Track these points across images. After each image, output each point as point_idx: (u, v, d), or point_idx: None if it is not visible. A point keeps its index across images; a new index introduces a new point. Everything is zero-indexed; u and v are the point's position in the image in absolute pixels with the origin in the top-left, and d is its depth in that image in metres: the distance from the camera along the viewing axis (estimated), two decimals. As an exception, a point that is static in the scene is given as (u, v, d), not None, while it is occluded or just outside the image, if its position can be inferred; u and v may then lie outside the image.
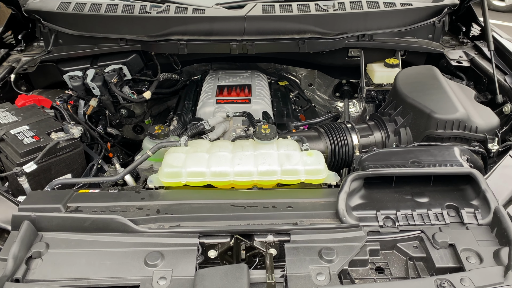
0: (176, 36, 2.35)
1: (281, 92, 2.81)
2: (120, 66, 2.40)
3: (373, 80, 2.47)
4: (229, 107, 2.32)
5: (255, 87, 2.56)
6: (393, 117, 1.99)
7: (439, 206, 1.45)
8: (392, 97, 2.07)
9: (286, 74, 3.12)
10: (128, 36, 2.39)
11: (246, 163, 1.60)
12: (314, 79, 3.09)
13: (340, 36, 2.36)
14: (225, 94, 2.44)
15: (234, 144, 1.74)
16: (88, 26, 2.44)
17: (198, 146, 1.71)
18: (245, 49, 2.33)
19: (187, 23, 2.37)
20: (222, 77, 2.74)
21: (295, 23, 2.35)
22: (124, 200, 1.52)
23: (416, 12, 2.48)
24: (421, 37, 2.53)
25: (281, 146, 1.68)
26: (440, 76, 2.10)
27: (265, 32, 2.35)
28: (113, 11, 2.41)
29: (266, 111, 2.28)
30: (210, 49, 2.36)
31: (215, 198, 1.51)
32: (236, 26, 2.35)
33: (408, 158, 1.59)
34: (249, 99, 2.37)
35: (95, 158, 1.98)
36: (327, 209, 1.45)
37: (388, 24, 2.46)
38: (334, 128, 1.99)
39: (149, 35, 2.40)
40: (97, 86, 2.33)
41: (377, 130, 2.01)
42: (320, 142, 1.95)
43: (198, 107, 2.39)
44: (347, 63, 2.62)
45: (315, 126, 2.06)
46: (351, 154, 1.95)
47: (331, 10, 2.39)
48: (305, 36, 2.32)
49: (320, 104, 3.20)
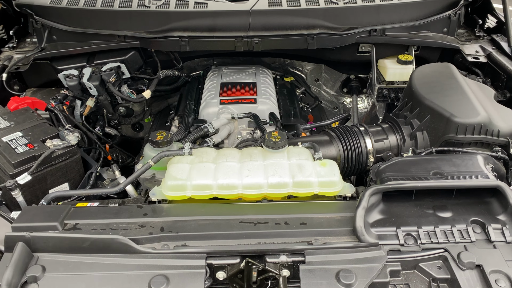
0: (177, 32, 2.23)
1: (287, 89, 2.70)
2: (118, 64, 2.29)
3: (385, 78, 2.36)
4: (234, 108, 2.22)
5: (260, 85, 2.45)
6: (409, 120, 1.89)
7: (464, 222, 1.36)
8: (407, 98, 1.97)
9: (291, 69, 3.01)
10: (126, 33, 2.28)
11: (255, 174, 1.51)
12: (321, 74, 2.98)
13: (351, 32, 2.25)
14: (229, 93, 2.34)
15: (242, 152, 1.64)
16: (84, 22, 2.33)
17: (204, 155, 1.61)
18: (250, 46, 2.22)
19: (188, 18, 2.25)
20: (225, 73, 2.63)
21: (303, 18, 2.24)
22: (125, 216, 1.43)
23: (430, 5, 2.36)
24: (435, 31, 2.41)
25: (292, 155, 1.59)
26: (458, 75, 2.00)
27: (272, 28, 2.23)
28: (109, 5, 2.29)
29: (273, 112, 2.17)
30: (213, 46, 2.25)
31: (222, 214, 1.42)
32: (240, 21, 2.23)
33: (429, 169, 1.50)
34: (255, 98, 2.26)
35: (93, 165, 1.89)
36: (344, 225, 1.36)
37: (401, 17, 2.34)
38: (347, 132, 1.89)
39: (149, 31, 2.28)
40: (94, 86, 2.22)
41: (391, 133, 1.92)
42: (332, 148, 1.85)
43: (201, 108, 2.29)
44: (357, 59, 2.51)
45: (326, 130, 1.96)
46: (365, 159, 1.86)
47: (341, 3, 2.27)
48: (314, 31, 2.21)
49: (327, 100, 3.10)
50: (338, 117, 2.27)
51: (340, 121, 2.28)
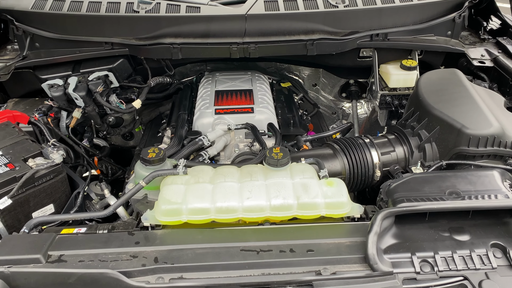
0: (168, 38, 2.11)
1: (285, 95, 2.60)
2: (106, 73, 2.17)
3: (388, 84, 2.27)
4: (230, 118, 2.11)
5: (257, 92, 2.34)
6: (416, 131, 1.79)
7: (483, 246, 1.27)
8: (414, 107, 1.88)
9: (288, 73, 2.91)
10: (114, 39, 2.16)
11: (256, 196, 1.40)
12: (319, 78, 2.88)
13: (352, 36, 2.15)
14: (225, 101, 2.23)
15: (241, 170, 1.53)
16: (68, 28, 2.20)
17: (200, 174, 1.50)
18: (246, 53, 2.11)
19: (180, 24, 2.13)
20: (219, 80, 2.52)
21: (302, 22, 2.13)
22: (115, 245, 1.31)
23: (434, 7, 2.27)
24: (439, 34, 2.33)
25: (295, 173, 1.48)
26: (466, 82, 1.91)
27: (269, 33, 2.13)
28: (96, 10, 2.17)
29: (271, 123, 2.07)
30: (207, 53, 2.13)
31: (222, 241, 1.31)
32: (236, 27, 2.12)
33: (444, 188, 1.40)
34: (252, 108, 2.16)
35: (80, 184, 1.77)
36: (354, 252, 1.26)
37: (404, 20, 2.25)
38: (351, 145, 1.79)
39: (138, 38, 2.16)
40: (81, 97, 2.09)
41: (398, 145, 1.82)
42: (336, 161, 1.75)
43: (195, 118, 2.17)
44: (357, 64, 2.41)
45: (329, 142, 1.86)
46: (371, 174, 1.76)
47: (342, 6, 2.17)
48: (314, 36, 2.11)
49: (325, 105, 3.00)
50: (340, 127, 2.17)
51: (342, 131, 2.18)
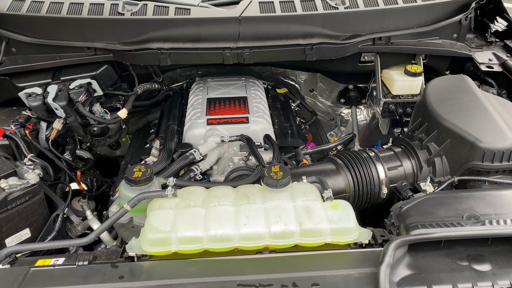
0: (156, 43, 1.98)
1: (281, 102, 2.47)
2: (89, 81, 2.02)
3: (392, 91, 2.15)
4: (223, 129, 1.98)
5: (252, 100, 2.21)
6: (425, 144, 1.68)
7: (506, 277, 1.16)
8: (422, 118, 1.76)
9: (284, 78, 2.78)
10: (97, 44, 2.01)
11: (254, 222, 1.27)
12: (316, 83, 2.76)
13: (353, 40, 2.02)
14: (217, 111, 2.09)
15: (237, 192, 1.40)
16: (48, 32, 2.05)
17: (191, 196, 1.37)
18: (240, 58, 1.98)
19: (168, 27, 1.99)
20: (211, 86, 2.38)
21: (300, 25, 2.01)
22: (97, 280, 1.18)
23: (439, 8, 2.15)
24: (444, 37, 2.21)
25: (297, 195, 1.36)
26: (476, 90, 1.80)
27: (264, 37, 2.00)
28: (77, 13, 2.02)
29: (268, 135, 1.94)
30: (198, 59, 2.00)
31: (216, 274, 1.18)
32: (229, 30, 1.99)
33: (461, 211, 1.29)
34: (247, 117, 2.03)
35: (60, 204, 1.62)
36: (365, 286, 1.14)
37: (407, 23, 2.13)
38: (355, 159, 1.67)
39: (123, 42, 2.02)
40: (61, 107, 1.95)
41: (406, 159, 1.71)
42: (340, 178, 1.63)
43: (185, 128, 2.04)
44: (358, 69, 2.29)
45: (331, 157, 1.73)
46: (377, 191, 1.64)
47: (342, 8, 2.04)
48: (313, 41, 1.98)
49: (322, 111, 2.88)
50: (342, 140, 2.05)
51: (344, 143, 2.06)
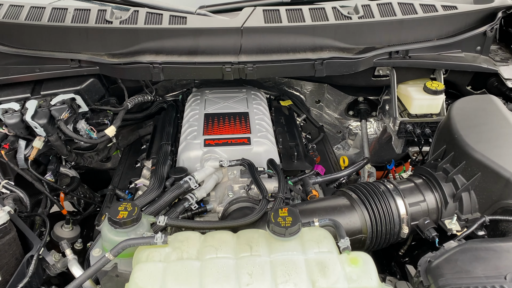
0: (147, 56, 1.78)
1: (285, 117, 2.28)
2: (72, 96, 1.83)
3: (409, 109, 1.97)
4: (222, 151, 1.79)
5: (253, 115, 2.02)
6: (451, 176, 1.50)
7: None
8: (447, 145, 1.58)
9: (288, 88, 2.59)
10: (82, 56, 1.82)
11: (258, 281, 1.09)
12: (323, 95, 2.57)
13: (367, 55, 1.83)
14: (216, 129, 1.91)
15: (238, 239, 1.22)
16: (27, 41, 1.86)
17: (184, 245, 1.18)
18: (242, 74, 1.79)
19: (162, 38, 1.80)
20: (209, 99, 2.20)
21: (309, 37, 1.82)
22: None
23: (462, 18, 1.97)
24: (467, 49, 2.02)
25: (309, 245, 1.17)
26: (508, 114, 1.61)
27: (269, 50, 1.80)
28: (60, 20, 1.83)
29: (272, 159, 1.75)
30: (194, 75, 1.80)
31: None
32: (229, 42, 1.79)
33: (501, 268, 1.11)
34: (249, 138, 1.84)
35: (35, 243, 1.44)
36: None
37: (427, 34, 1.94)
38: (372, 193, 1.49)
39: (111, 54, 1.83)
40: (41, 125, 1.76)
41: (429, 192, 1.52)
42: (355, 215, 1.45)
43: (180, 150, 1.85)
44: (371, 84, 2.10)
45: (344, 190, 1.55)
46: (397, 230, 1.46)
47: (355, 17, 1.85)
48: (323, 55, 1.79)
49: (329, 123, 2.70)
50: (356, 166, 1.86)
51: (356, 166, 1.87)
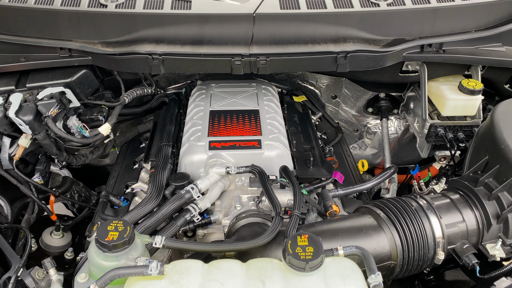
0: (146, 45, 1.58)
1: (299, 115, 2.08)
2: (62, 90, 1.64)
3: (442, 111, 1.76)
4: (229, 155, 1.61)
5: (264, 114, 1.83)
6: (495, 194, 1.30)
7: None
8: (490, 156, 1.38)
9: (301, 82, 2.39)
10: (73, 44, 1.62)
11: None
12: (340, 89, 2.36)
13: (396, 48, 1.62)
14: (222, 130, 1.71)
15: (248, 269, 1.03)
16: (11, 26, 1.67)
17: (183, 278, 1.00)
18: (254, 68, 1.59)
19: (163, 24, 1.60)
20: (215, 94, 2.00)
21: (331, 26, 1.61)
22: None
23: (505, 7, 1.75)
24: (508, 43, 1.81)
25: (333, 281, 0.98)
26: (561, 120, 1.41)
27: (285, 41, 1.60)
28: (48, 3, 1.63)
29: (285, 167, 1.56)
30: (199, 68, 1.61)
31: None
32: (239, 31, 1.59)
33: None
34: (259, 140, 1.65)
35: (14, 262, 1.26)
36: None
37: (464, 25, 1.73)
38: (403, 211, 1.29)
39: (105, 42, 1.63)
40: (26, 122, 1.58)
41: (468, 210, 1.33)
42: (383, 238, 1.26)
43: (182, 152, 1.67)
44: (398, 80, 1.90)
45: (369, 207, 1.35)
46: (431, 255, 1.27)
47: (384, 4, 1.64)
48: (347, 47, 1.58)
49: (345, 121, 2.49)
50: (382, 176, 1.65)
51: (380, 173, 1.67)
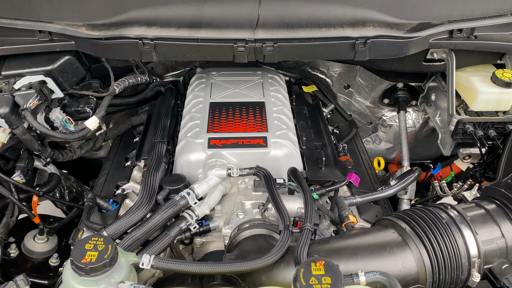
0: (136, 28, 1.40)
1: (309, 107, 1.90)
2: (42, 79, 1.47)
3: (471, 105, 1.57)
4: (231, 155, 1.44)
5: (271, 107, 1.65)
6: (540, 204, 1.13)
7: None
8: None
9: (311, 70, 2.20)
10: (53, 26, 1.44)
11: None
12: (354, 78, 2.17)
13: (421, 34, 1.43)
14: (223, 125, 1.54)
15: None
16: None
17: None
18: (259, 55, 1.40)
19: (155, 4, 1.41)
20: (216, 83, 1.83)
21: (348, 7, 1.42)
22: None
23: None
24: (547, 28, 1.62)
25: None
26: None
27: (295, 24, 1.41)
28: (25, -21, 1.45)
29: (294, 169, 1.38)
30: (197, 55, 1.42)
31: None
32: (243, 12, 1.40)
33: None
34: (265, 138, 1.47)
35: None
36: None
37: (498, 7, 1.53)
38: (431, 225, 1.12)
39: (90, 24, 1.45)
40: (2, 115, 1.41)
41: (507, 223, 1.15)
42: (409, 257, 1.09)
43: (178, 149, 1.50)
44: (421, 70, 1.71)
45: (391, 219, 1.18)
46: (465, 277, 1.10)
47: (408, -17, 1.45)
48: (366, 32, 1.39)
49: (358, 112, 2.31)
50: (407, 181, 1.45)
51: (402, 177, 1.48)
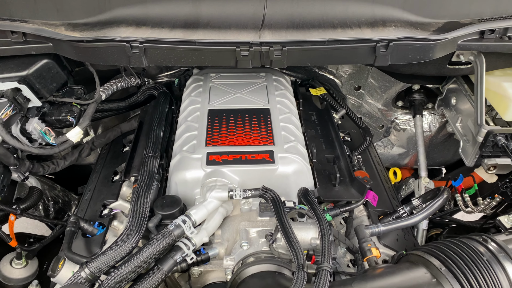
0: (123, 29, 1.23)
1: (318, 113, 1.74)
2: (16, 86, 1.30)
3: (503, 114, 1.41)
4: (233, 173, 1.28)
5: (277, 114, 1.49)
6: None
7: None
8: None
9: (319, 70, 2.04)
10: (28, 26, 1.27)
11: None
12: (366, 79, 2.01)
13: (449, 35, 1.26)
14: (224, 137, 1.38)
15: None
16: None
17: None
18: (266, 60, 1.23)
19: (146, 1, 1.24)
20: (215, 87, 1.66)
21: (366, 4, 1.25)
22: None
23: None
24: None
25: None
26: None
27: (305, 24, 1.24)
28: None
29: (307, 190, 1.22)
30: (194, 60, 1.24)
31: None
32: (247, 11, 1.23)
33: None
34: (271, 152, 1.31)
35: None
36: None
37: (535, 4, 1.37)
38: (469, 262, 0.97)
39: (70, 24, 1.28)
40: (-30, 128, 1.25)
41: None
42: (444, 304, 0.94)
43: (172, 166, 1.34)
44: (445, 73, 1.55)
45: (421, 255, 1.02)
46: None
47: (435, -23, 1.28)
48: (388, 33, 1.22)
49: (369, 115, 2.15)
50: (435, 202, 1.27)
51: (429, 198, 1.32)
